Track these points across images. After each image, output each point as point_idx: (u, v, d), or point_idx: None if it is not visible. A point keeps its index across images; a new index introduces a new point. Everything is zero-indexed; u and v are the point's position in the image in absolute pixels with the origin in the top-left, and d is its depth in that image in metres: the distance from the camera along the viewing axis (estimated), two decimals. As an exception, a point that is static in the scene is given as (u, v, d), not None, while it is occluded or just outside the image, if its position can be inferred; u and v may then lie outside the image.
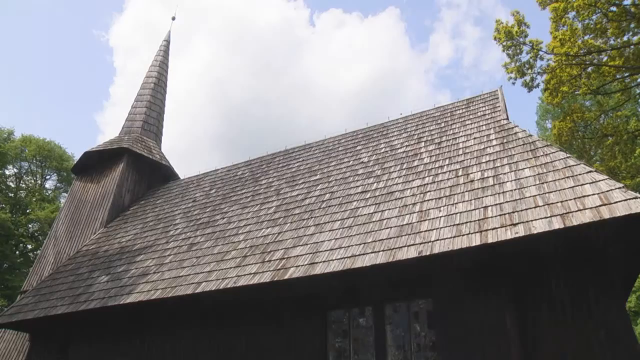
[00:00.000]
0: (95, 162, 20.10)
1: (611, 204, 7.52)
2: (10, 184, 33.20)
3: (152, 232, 15.22)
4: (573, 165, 9.04)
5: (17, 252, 31.68)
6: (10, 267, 29.88)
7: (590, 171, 8.66)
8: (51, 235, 19.19)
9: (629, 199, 7.44)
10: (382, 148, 14.09)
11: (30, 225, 32.28)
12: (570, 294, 8.11)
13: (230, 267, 10.75)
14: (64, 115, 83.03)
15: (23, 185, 34.23)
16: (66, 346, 13.34)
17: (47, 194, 34.65)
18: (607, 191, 7.85)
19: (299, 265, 9.61)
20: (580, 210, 7.71)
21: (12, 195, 32.44)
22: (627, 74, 17.94)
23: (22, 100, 74.64)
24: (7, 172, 32.90)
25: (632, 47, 17.07)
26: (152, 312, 11.69)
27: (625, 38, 17.32)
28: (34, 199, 32.34)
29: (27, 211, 32.00)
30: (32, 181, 34.96)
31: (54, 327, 13.57)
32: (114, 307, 11.51)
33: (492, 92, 14.92)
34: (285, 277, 9.42)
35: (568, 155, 9.62)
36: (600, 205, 7.59)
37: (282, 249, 10.58)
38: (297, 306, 10.10)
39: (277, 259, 10.23)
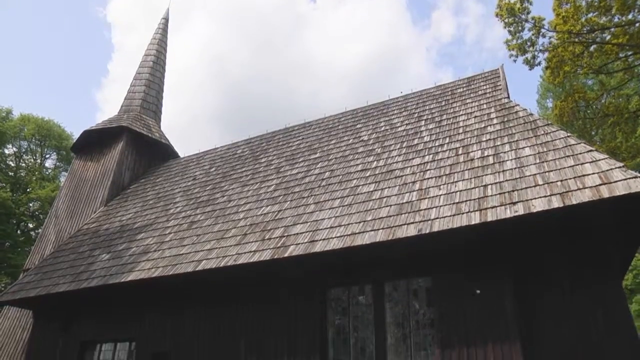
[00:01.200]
0: (95, 141, 20.09)
1: (611, 183, 7.52)
2: (10, 163, 33.18)
3: (152, 210, 15.26)
4: (573, 145, 9.03)
5: (19, 231, 31.82)
6: (12, 246, 30.06)
7: (591, 150, 8.64)
8: (52, 213, 19.26)
9: (629, 178, 7.44)
10: (382, 126, 14.05)
11: (30, 204, 32.36)
12: (568, 271, 8.18)
13: (231, 245, 10.80)
14: (61, 93, 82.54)
15: (23, 164, 34.22)
16: (68, 323, 13.48)
17: (47, 172, 34.65)
18: (607, 170, 7.85)
19: (298, 243, 9.66)
20: (580, 189, 7.72)
21: (12, 174, 32.45)
22: (630, 53, 17.76)
23: (19, 78, 74.17)
24: (6, 151, 32.86)
25: (637, 24, 16.87)
26: (153, 290, 11.78)
27: (630, 16, 17.10)
28: (34, 178, 32.34)
29: (28, 190, 32.05)
30: (32, 160, 34.93)
31: (56, 305, 13.70)
32: (115, 285, 11.61)
33: (493, 71, 14.83)
34: (285, 255, 9.47)
35: (569, 134, 9.59)
36: (600, 185, 7.60)
37: (282, 227, 10.62)
38: (297, 284, 10.17)
39: (277, 237, 10.28)
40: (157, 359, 11.48)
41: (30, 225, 33.00)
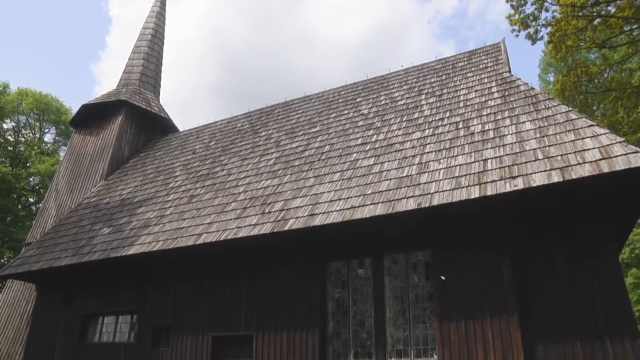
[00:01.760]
0: (94, 115, 19.99)
1: (611, 158, 7.51)
2: (9, 137, 33.06)
3: (152, 184, 15.28)
4: (574, 119, 8.98)
5: (20, 206, 31.91)
6: (14, 220, 30.18)
7: (592, 125, 8.60)
8: (52, 188, 19.30)
9: (629, 153, 7.42)
10: (382, 100, 13.97)
11: (31, 179, 32.37)
12: (566, 245, 8.23)
13: (231, 219, 10.85)
14: (59, 67, 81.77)
15: (22, 139, 34.10)
16: (71, 296, 13.65)
17: (46, 147, 34.55)
18: (608, 145, 7.82)
19: (298, 217, 9.70)
20: (579, 163, 7.71)
21: (11, 149, 32.37)
22: (635, 26, 17.51)
23: (15, 52, 73.35)
24: (4, 126, 32.73)
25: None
26: (154, 263, 11.88)
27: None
28: (34, 153, 32.25)
29: (27, 165, 32.03)
30: (31, 135, 34.80)
31: (58, 278, 13.84)
32: (117, 259, 11.70)
33: (494, 45, 14.67)
34: (285, 229, 9.52)
35: (570, 108, 9.53)
36: (600, 159, 7.59)
37: (281, 201, 10.65)
38: (296, 257, 10.25)
39: (277, 211, 10.31)
40: (159, 332, 11.66)
41: (31, 200, 33.07)
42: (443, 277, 9.05)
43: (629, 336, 7.36)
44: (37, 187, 32.62)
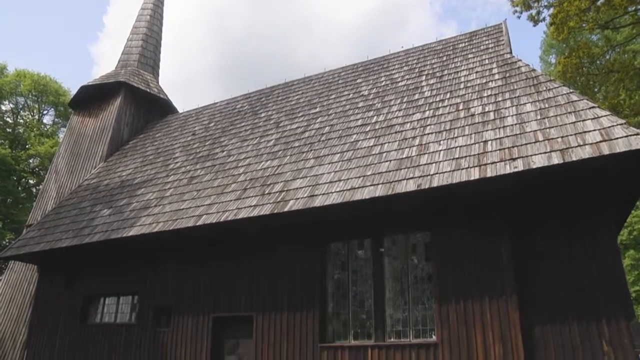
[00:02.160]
0: (93, 97, 19.90)
1: (612, 140, 7.49)
2: (8, 119, 32.95)
3: (152, 165, 15.28)
4: (575, 101, 8.94)
5: (20, 188, 31.93)
6: (15, 202, 30.25)
7: (593, 107, 8.56)
8: (52, 169, 19.30)
9: (630, 135, 7.40)
10: (382, 81, 13.89)
11: (30, 161, 32.35)
12: (565, 226, 8.26)
13: (231, 200, 10.87)
14: (56, 47, 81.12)
15: (21, 120, 33.98)
16: (72, 277, 13.75)
17: (45, 129, 34.43)
18: (609, 127, 7.79)
19: (298, 198, 9.71)
20: (580, 145, 7.70)
21: (10, 130, 32.28)
22: (640, 6, 17.34)
23: (12, 32, 72.71)
24: (3, 108, 32.60)
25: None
26: (154, 245, 11.94)
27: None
28: (33, 134, 32.15)
29: (27, 146, 31.96)
30: (30, 116, 34.66)
31: (59, 259, 13.92)
32: (117, 240, 11.75)
33: (496, 26, 14.53)
34: (285, 210, 9.54)
35: (571, 90, 9.49)
36: (600, 141, 7.56)
37: (281, 182, 10.66)
38: (296, 238, 10.29)
39: (276, 192, 10.33)
40: (160, 312, 11.77)
41: (31, 182, 33.09)
42: (382, 249, 9.63)
43: (625, 317, 7.44)
44: (36, 169, 32.62)
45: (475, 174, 8.12)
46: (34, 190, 32.34)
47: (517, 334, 7.86)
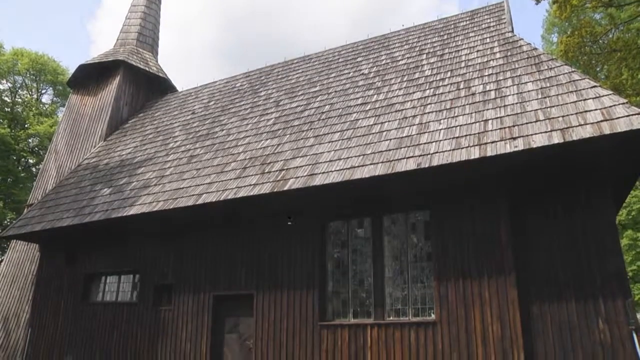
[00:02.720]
0: (91, 75, 19.80)
1: (613, 119, 7.46)
2: (6, 98, 32.71)
3: (151, 144, 15.25)
4: (577, 80, 8.89)
5: (20, 167, 31.88)
6: (15, 182, 30.20)
7: (595, 86, 8.52)
8: (51, 149, 19.28)
9: (631, 114, 7.37)
10: (382, 60, 13.79)
11: (30, 140, 32.21)
12: (564, 206, 8.29)
13: (231, 179, 10.88)
14: (53, 26, 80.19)
15: (19, 99, 33.74)
16: (73, 256, 13.83)
17: (44, 108, 34.23)
18: (610, 107, 7.76)
19: (298, 177, 9.71)
20: (581, 125, 7.67)
21: (9, 110, 32.08)
22: (647, -18, 17.05)
23: (7, 10, 71.76)
24: (1, 87, 32.35)
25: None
26: (154, 224, 11.98)
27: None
28: (32, 114, 31.97)
29: (26, 126, 31.82)
30: (28, 96, 34.41)
31: (61, 238, 13.99)
32: (118, 219, 11.79)
33: (497, 4, 14.36)
34: (285, 188, 9.55)
35: (573, 69, 9.42)
36: (601, 121, 7.54)
37: (281, 161, 10.65)
38: (296, 217, 10.31)
39: (276, 170, 10.33)
40: (161, 291, 11.87)
41: (31, 161, 33.01)
42: (290, 222, 10.03)
43: (622, 295, 7.52)
44: (36, 149, 32.53)
45: (475, 153, 8.11)
46: (34, 169, 32.28)
47: (515, 312, 7.94)
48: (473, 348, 8.08)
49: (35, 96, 34.46)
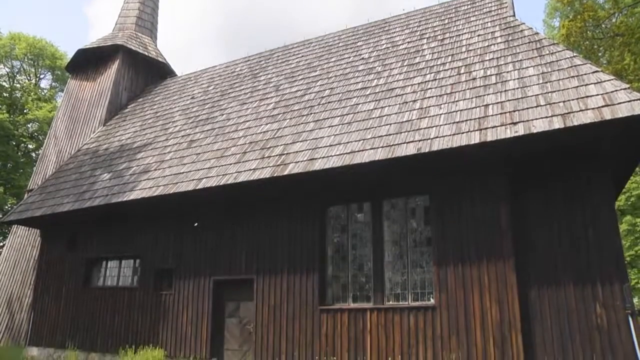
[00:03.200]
0: (90, 60, 19.69)
1: (614, 105, 7.44)
2: (4, 83, 32.52)
3: (151, 129, 15.22)
4: (579, 65, 8.83)
5: (20, 152, 31.81)
6: (15, 167, 30.17)
7: (596, 71, 8.47)
8: (51, 134, 19.25)
9: (633, 100, 7.34)
10: (383, 44, 13.70)
11: (29, 125, 32.11)
12: (564, 191, 8.29)
13: (230, 164, 10.87)
14: (50, 8, 79.42)
15: (17, 84, 33.53)
16: (74, 240, 13.89)
17: (42, 93, 34.07)
18: (612, 92, 7.72)
19: (298, 161, 9.71)
20: (582, 110, 7.65)
21: (7, 95, 31.93)
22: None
23: (8, -6, 71.03)
24: (-2, 72, 32.14)
25: None
26: (155, 208, 12.00)
27: None
28: (30, 99, 31.82)
29: (25, 111, 31.69)
30: (26, 80, 34.21)
31: (61, 223, 14.03)
32: (118, 204, 11.82)
33: (499, -13, 14.19)
34: (285, 173, 9.56)
35: (574, 54, 9.36)
36: (603, 106, 7.52)
37: (281, 145, 10.63)
38: (296, 202, 10.34)
39: (276, 155, 10.32)
40: (161, 276, 11.93)
41: (31, 147, 32.94)
42: (196, 224, 10.66)
43: (619, 280, 7.56)
44: (35, 134, 32.44)
45: (475, 138, 8.10)
46: (34, 155, 32.25)
47: (514, 297, 7.99)
48: (472, 332, 8.14)
49: (33, 81, 34.28)
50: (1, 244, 28.27)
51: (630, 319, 7.36)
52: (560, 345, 7.69)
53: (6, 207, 29.01)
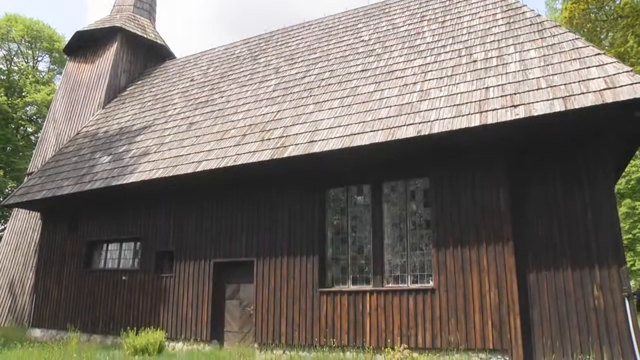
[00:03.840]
0: (88, 43, 19.53)
1: (616, 87, 7.40)
2: (1, 66, 32.29)
3: (150, 112, 15.16)
4: (581, 48, 8.77)
5: (19, 136, 31.71)
6: (14, 150, 30.10)
7: (599, 54, 8.41)
8: (50, 117, 19.18)
9: (635, 83, 7.30)
10: (383, 26, 13.57)
11: (27, 108, 31.96)
12: (564, 174, 8.29)
13: (230, 146, 10.85)
14: (50, -8, 78.40)
15: (15, 67, 33.28)
16: (75, 223, 13.93)
17: (41, 76, 33.84)
18: (614, 75, 7.68)
19: (298, 144, 9.69)
20: (583, 93, 7.61)
21: (5, 78, 31.71)
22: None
23: (4, -25, 70.17)
24: (-5, 54, 31.85)
25: None
26: (155, 191, 12.01)
27: None
28: (28, 82, 31.61)
29: (23, 94, 31.51)
30: (24, 63, 33.96)
31: (62, 206, 14.05)
32: (118, 187, 11.82)
33: (502, -32, 14.01)
34: (285, 155, 9.55)
35: (577, 36, 9.28)
36: (604, 89, 7.48)
37: (281, 128, 10.60)
38: (296, 184, 10.34)
39: (276, 138, 10.29)
40: (162, 258, 11.98)
41: (30, 130, 32.83)
42: (124, 277, 11.61)
43: (617, 263, 7.60)
44: (34, 117, 32.32)
45: (476, 121, 8.08)
46: (33, 138, 32.17)
47: (513, 280, 8.04)
48: (470, 314, 8.21)
49: (31, 64, 34.03)
50: (2, 227, 28.39)
51: (626, 301, 7.42)
52: (558, 327, 7.76)
53: (6, 190, 29.02)
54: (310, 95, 11.42)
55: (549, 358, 7.67)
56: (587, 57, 8.45)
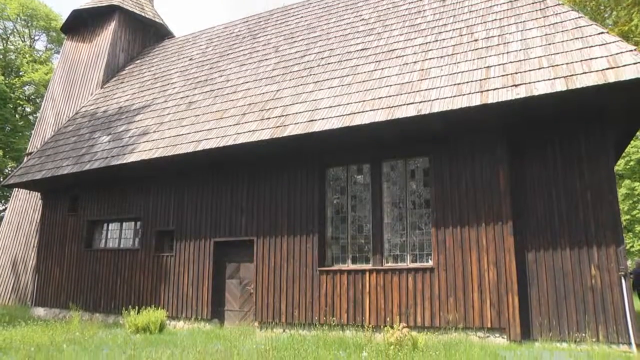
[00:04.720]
0: (86, 21, 19.30)
1: (619, 67, 7.33)
2: (-4, 45, 31.95)
3: (149, 91, 15.07)
4: (584, 26, 8.66)
5: (17, 116, 31.53)
6: (13, 130, 29.97)
7: (602, 32, 8.31)
8: (48, 97, 19.07)
9: (639, 62, 7.23)
10: (384, 4, 13.40)
11: (25, 88, 31.74)
12: (564, 154, 8.29)
13: (230, 125, 10.81)
14: (47, -29, 77.35)
15: (11, 46, 32.93)
16: (75, 203, 13.96)
17: (38, 55, 33.53)
18: (617, 54, 7.60)
19: (297, 123, 9.66)
20: (585, 72, 7.55)
21: (1, 57, 31.41)
22: None
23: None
24: (-11, 33, 31.47)
25: None
26: (155, 170, 12.01)
27: None
28: (26, 61, 31.32)
29: (20, 73, 31.24)
30: (20, 42, 33.62)
31: (62, 186, 14.07)
32: (118, 167, 11.81)
33: (505, -56, 13.79)
34: (285, 134, 9.52)
35: (580, 15, 9.17)
36: (607, 69, 7.41)
37: (280, 107, 10.55)
38: (296, 163, 10.34)
39: (276, 117, 10.25)
40: (162, 237, 12.04)
41: (28, 110, 32.66)
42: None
43: (614, 243, 7.64)
44: (32, 97, 32.12)
45: (476, 100, 8.03)
46: (32, 118, 32.03)
47: (511, 259, 8.09)
48: (469, 293, 8.28)
49: (28, 43, 33.70)
50: (3, 207, 28.45)
51: (623, 280, 7.48)
52: (555, 306, 7.84)
53: (6, 170, 29.01)
54: (310, 74, 11.34)
55: (546, 336, 7.75)
56: (589, 36, 8.36)
